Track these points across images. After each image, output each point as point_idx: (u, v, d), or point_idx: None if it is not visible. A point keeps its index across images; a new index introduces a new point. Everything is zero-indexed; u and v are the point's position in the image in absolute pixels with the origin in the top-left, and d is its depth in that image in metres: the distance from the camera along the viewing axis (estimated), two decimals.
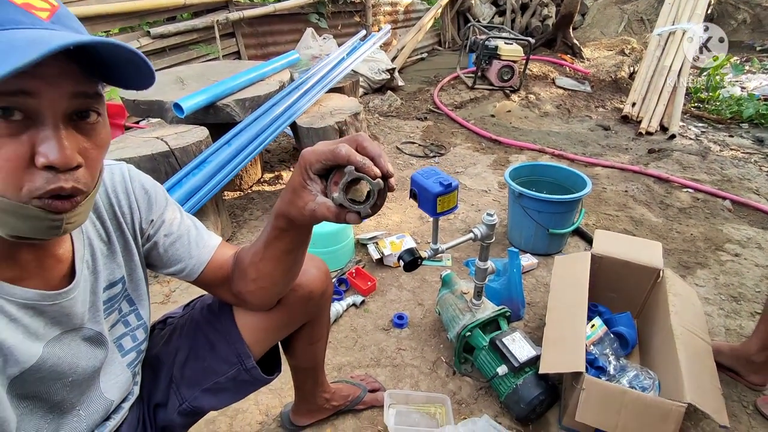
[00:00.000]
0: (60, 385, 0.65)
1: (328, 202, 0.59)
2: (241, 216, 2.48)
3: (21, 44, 0.42)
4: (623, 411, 1.17)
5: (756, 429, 1.37)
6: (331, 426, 1.36)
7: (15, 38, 0.43)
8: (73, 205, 0.52)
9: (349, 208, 0.59)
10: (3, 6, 0.45)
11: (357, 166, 0.56)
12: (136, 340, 0.78)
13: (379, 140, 3.55)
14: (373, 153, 0.58)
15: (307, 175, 0.60)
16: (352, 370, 1.56)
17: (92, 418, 0.71)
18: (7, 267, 0.57)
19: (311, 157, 0.59)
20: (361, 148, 0.58)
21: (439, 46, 6.77)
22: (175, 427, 0.88)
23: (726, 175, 2.99)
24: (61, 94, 0.48)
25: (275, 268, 0.77)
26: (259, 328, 0.89)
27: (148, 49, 3.20)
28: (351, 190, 0.59)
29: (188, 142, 1.92)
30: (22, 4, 0.46)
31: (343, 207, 0.59)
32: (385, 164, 0.58)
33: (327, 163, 0.59)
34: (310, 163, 0.59)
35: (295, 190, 0.62)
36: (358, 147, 0.59)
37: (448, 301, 1.61)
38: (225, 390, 0.89)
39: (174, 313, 0.99)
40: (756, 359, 1.47)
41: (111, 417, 0.75)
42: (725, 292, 1.92)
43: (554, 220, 2.03)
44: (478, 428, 1.28)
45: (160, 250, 0.78)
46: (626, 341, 1.58)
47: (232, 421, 1.38)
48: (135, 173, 0.77)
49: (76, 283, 0.65)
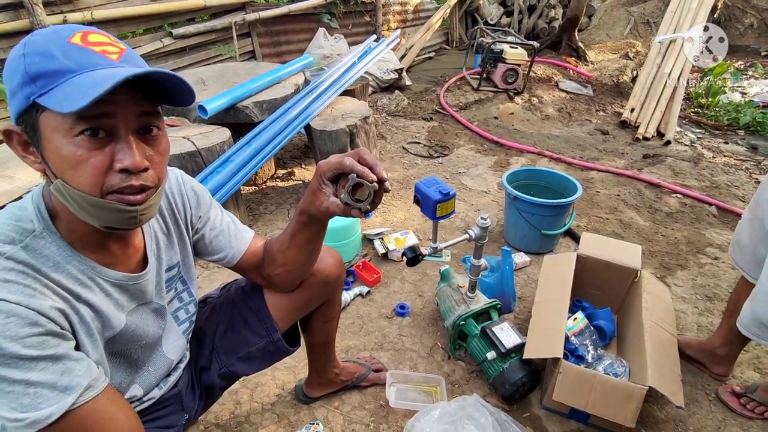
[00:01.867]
0: (137, 347, 0.84)
1: (338, 201, 0.82)
2: (257, 210, 2.67)
3: (99, 80, 0.58)
4: (594, 392, 1.35)
5: (715, 413, 1.55)
6: (339, 399, 1.55)
7: (96, 76, 0.59)
8: (144, 198, 0.68)
9: (352, 205, 0.81)
10: (87, 54, 0.61)
11: (358, 173, 0.78)
12: (188, 313, 0.98)
13: (386, 139, 3.72)
14: (371, 163, 0.80)
15: (322, 181, 0.83)
16: (358, 352, 1.75)
17: (158, 373, 0.90)
18: (104, 255, 0.76)
19: (324, 167, 0.82)
20: (362, 160, 0.80)
21: (447, 46, 6.89)
22: (215, 387, 1.08)
23: (715, 181, 3.14)
24: (131, 114, 0.64)
25: (298, 254, 0.98)
26: (285, 307, 1.09)
27: (170, 48, 3.39)
28: (357, 192, 0.81)
29: (213, 142, 2.10)
30: (100, 51, 0.63)
31: (348, 204, 0.81)
32: (380, 172, 0.80)
33: (336, 172, 0.81)
34: (324, 172, 0.82)
35: (314, 192, 0.84)
36: (360, 159, 0.81)
37: (445, 293, 1.79)
38: (255, 358, 1.09)
39: (212, 293, 1.18)
40: (719, 352, 1.64)
41: (171, 374, 0.95)
42: (701, 293, 2.09)
43: (546, 222, 2.20)
44: (468, 405, 1.46)
45: (206, 241, 0.98)
46: (605, 333, 1.75)
47: (253, 393, 1.57)
48: (186, 177, 0.96)
49: (149, 267, 0.84)
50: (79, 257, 0.71)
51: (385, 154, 3.47)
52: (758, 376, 1.69)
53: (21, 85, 0.59)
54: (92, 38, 0.63)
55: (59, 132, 0.61)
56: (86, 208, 0.65)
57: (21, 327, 0.61)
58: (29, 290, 0.63)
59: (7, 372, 0.60)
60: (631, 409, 1.30)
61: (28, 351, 0.61)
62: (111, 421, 0.70)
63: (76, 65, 0.59)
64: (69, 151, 0.61)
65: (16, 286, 0.62)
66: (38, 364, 0.63)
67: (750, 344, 1.76)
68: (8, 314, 0.60)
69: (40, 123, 0.61)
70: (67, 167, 0.62)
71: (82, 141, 0.61)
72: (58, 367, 0.65)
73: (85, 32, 0.63)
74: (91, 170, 0.62)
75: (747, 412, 1.52)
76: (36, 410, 0.62)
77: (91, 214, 0.66)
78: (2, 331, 0.59)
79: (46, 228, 0.69)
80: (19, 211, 0.69)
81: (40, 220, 0.69)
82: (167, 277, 0.91)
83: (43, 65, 0.58)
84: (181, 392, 1.00)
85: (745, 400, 1.54)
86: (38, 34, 0.62)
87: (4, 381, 0.61)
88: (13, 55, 0.61)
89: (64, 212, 0.69)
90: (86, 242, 0.73)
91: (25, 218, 0.68)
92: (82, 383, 0.67)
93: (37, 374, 0.62)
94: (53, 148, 0.62)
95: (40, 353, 0.63)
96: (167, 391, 0.95)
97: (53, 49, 0.59)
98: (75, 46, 0.61)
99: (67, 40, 0.61)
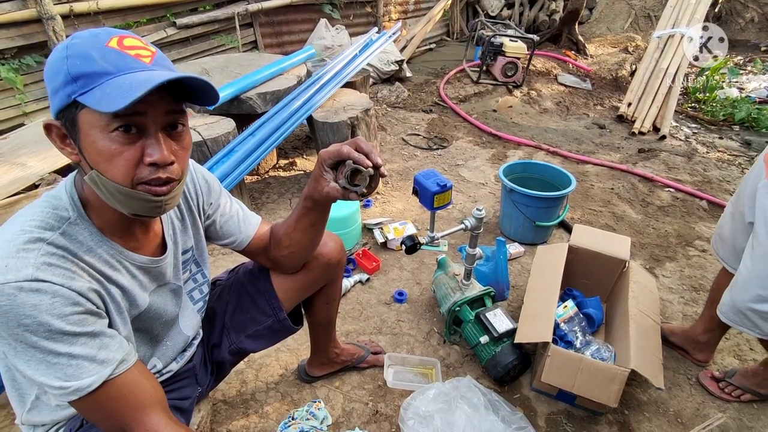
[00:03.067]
0: (157, 323, 0.92)
1: (337, 186, 0.90)
2: (260, 199, 2.74)
3: (135, 83, 0.64)
4: (579, 374, 1.43)
5: (695, 396, 1.64)
6: (339, 380, 1.64)
7: (132, 79, 0.66)
8: (169, 190, 0.74)
9: (350, 189, 0.89)
10: (123, 58, 0.68)
11: (354, 160, 0.86)
12: (202, 293, 1.06)
13: (387, 131, 3.78)
14: (367, 150, 0.88)
15: (323, 168, 0.91)
16: (358, 335, 1.83)
17: (175, 348, 0.98)
18: (130, 239, 0.83)
19: (325, 155, 0.90)
20: (358, 148, 0.88)
21: (448, 37, 6.91)
22: (225, 362, 1.17)
23: (707, 176, 3.21)
24: (160, 113, 0.71)
25: (303, 237, 1.06)
26: (290, 288, 1.18)
27: (174, 38, 3.42)
28: (357, 178, 0.89)
29: (218, 133, 2.16)
30: (134, 55, 0.69)
31: (346, 189, 0.89)
32: (375, 158, 0.87)
33: (335, 159, 0.89)
34: (324, 160, 0.90)
35: (316, 178, 0.93)
36: (357, 147, 0.89)
37: (442, 281, 1.87)
38: (262, 336, 1.18)
39: (221, 276, 1.26)
40: (701, 339, 1.73)
41: (187, 349, 1.03)
42: (687, 283, 2.18)
43: (540, 213, 2.28)
44: (461, 386, 1.55)
45: (217, 227, 1.05)
46: (593, 321, 1.84)
47: (258, 372, 1.66)
48: (198, 167, 1.03)
49: (168, 251, 0.92)
50: (108, 242, 0.79)
51: (385, 146, 3.53)
52: (738, 362, 1.78)
53: (63, 84, 0.65)
54: (127, 42, 0.69)
55: (96, 128, 0.67)
56: (117, 196, 0.71)
57: (65, 306, 0.68)
58: (69, 273, 0.71)
59: (54, 346, 0.68)
60: (614, 390, 1.39)
61: (71, 327, 0.69)
62: (141, 390, 0.78)
63: (113, 68, 0.66)
64: (104, 146, 0.68)
65: (58, 269, 0.69)
66: (79, 339, 0.70)
67: (731, 332, 1.84)
68: (54, 294, 0.67)
69: (79, 119, 0.67)
70: (102, 159, 0.69)
71: (116, 136, 0.67)
72: (96, 343, 0.73)
73: (121, 36, 0.69)
74: (123, 163, 0.69)
75: (724, 396, 1.61)
76: (78, 379, 0.70)
77: (121, 202, 0.72)
78: (49, 309, 0.67)
79: (80, 216, 0.76)
80: (55, 200, 0.76)
81: (74, 208, 0.76)
82: (183, 259, 0.98)
83: (83, 67, 0.65)
84: (196, 367, 1.08)
85: (724, 384, 1.63)
86: (78, 38, 0.68)
87: (51, 353, 0.68)
88: (56, 57, 0.67)
89: (95, 201, 0.76)
90: (114, 228, 0.80)
91: (61, 207, 0.75)
92: (117, 357, 0.75)
93: (79, 348, 0.70)
94: (90, 142, 0.68)
95: (82, 330, 0.70)
96: (183, 366, 1.03)
97: (93, 53, 0.66)
98: (112, 50, 0.67)
99: (105, 44, 0.67)
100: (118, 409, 0.75)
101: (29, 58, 2.79)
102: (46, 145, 2.18)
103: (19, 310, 0.65)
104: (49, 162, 2.03)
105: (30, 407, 0.85)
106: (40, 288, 0.66)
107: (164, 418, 0.80)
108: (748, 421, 1.54)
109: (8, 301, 0.65)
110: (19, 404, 0.87)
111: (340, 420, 1.51)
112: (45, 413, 0.86)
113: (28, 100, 2.83)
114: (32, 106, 2.87)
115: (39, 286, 0.66)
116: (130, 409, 0.76)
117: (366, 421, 1.51)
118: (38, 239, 0.70)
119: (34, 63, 2.81)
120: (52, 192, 0.78)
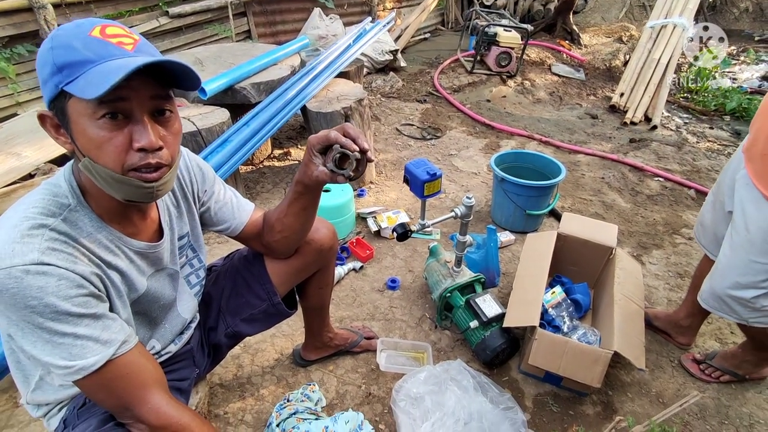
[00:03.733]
0: (156, 307, 0.95)
1: (326, 169, 0.94)
2: (254, 188, 2.76)
3: (114, 69, 0.66)
4: (565, 356, 1.48)
5: (676, 377, 1.70)
6: (333, 363, 1.68)
7: (112, 66, 0.67)
8: (159, 176, 0.76)
9: (337, 172, 0.94)
10: (105, 46, 0.69)
11: (342, 144, 0.91)
12: (199, 277, 1.09)
13: (380, 121, 3.80)
14: (354, 135, 0.92)
15: (312, 153, 0.95)
16: (352, 321, 1.87)
17: (173, 330, 1.02)
18: (128, 225, 0.86)
19: (314, 141, 0.94)
20: (346, 133, 0.93)
21: (443, 27, 6.88)
22: (221, 345, 1.21)
23: (696, 166, 3.26)
24: (144, 98, 0.72)
25: (295, 221, 1.09)
26: (284, 272, 1.22)
27: (167, 28, 3.41)
28: (345, 163, 0.93)
29: (213, 123, 2.18)
30: (116, 43, 0.71)
31: (334, 172, 0.94)
32: (362, 143, 0.92)
33: (324, 144, 0.93)
34: (313, 145, 0.94)
35: (306, 164, 0.97)
36: (344, 132, 0.93)
37: (433, 268, 1.91)
38: (257, 320, 1.22)
39: (216, 263, 1.30)
40: (683, 323, 1.78)
41: (184, 332, 1.07)
42: (673, 270, 2.23)
43: (531, 202, 2.32)
44: (452, 368, 1.60)
45: (212, 213, 1.08)
46: (580, 306, 1.89)
47: (253, 357, 1.70)
48: (192, 155, 1.06)
49: (165, 237, 0.95)
50: (107, 228, 0.82)
51: (379, 136, 3.55)
52: (718, 345, 1.84)
53: (51, 74, 0.68)
54: (109, 31, 0.71)
55: (84, 116, 0.69)
56: (110, 183, 0.74)
57: (70, 288, 0.72)
58: (72, 258, 0.74)
59: (59, 326, 0.71)
60: (597, 371, 1.44)
61: (76, 309, 0.72)
62: (142, 370, 0.81)
63: (95, 56, 0.68)
64: (93, 133, 0.70)
65: (62, 254, 0.72)
66: (83, 320, 0.74)
67: (712, 317, 1.90)
68: (59, 277, 0.71)
69: (68, 108, 0.70)
70: (92, 147, 0.71)
71: (104, 123, 0.70)
72: (99, 324, 0.76)
73: (104, 25, 0.71)
74: (112, 149, 0.71)
75: (704, 377, 1.67)
76: (83, 359, 0.74)
77: (114, 188, 0.75)
78: (55, 291, 0.70)
79: (79, 203, 0.78)
80: (55, 188, 0.78)
81: (74, 195, 0.78)
82: (179, 245, 1.01)
83: (67, 57, 0.67)
84: (193, 349, 1.12)
85: (704, 366, 1.69)
86: (63, 29, 0.70)
87: (56, 334, 0.72)
88: (43, 49, 0.69)
89: (92, 188, 0.79)
90: (112, 215, 0.83)
91: (61, 194, 0.77)
92: (119, 338, 0.78)
93: (83, 329, 0.74)
94: (80, 130, 0.70)
95: (85, 311, 0.74)
96: (181, 348, 1.07)
97: (75, 42, 0.68)
98: (95, 38, 0.69)
99: (87, 34, 0.69)
100: (121, 387, 0.79)
101: (21, 48, 2.78)
102: (41, 135, 2.20)
103: (26, 292, 0.68)
104: (44, 152, 2.05)
105: (34, 387, 0.89)
106: (46, 271, 0.69)
107: (165, 397, 0.83)
108: (726, 401, 1.60)
109: (16, 283, 0.68)
110: (24, 385, 0.90)
111: (334, 402, 1.55)
112: (49, 393, 0.90)
113: (21, 89, 2.83)
114: (25, 95, 2.87)
115: (45, 269, 0.69)
116: (132, 388, 0.80)
117: (359, 402, 1.56)
118: (41, 225, 0.72)
119: (25, 52, 2.80)
120: (51, 180, 0.80)
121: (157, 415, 0.81)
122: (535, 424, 1.52)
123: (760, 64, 5.90)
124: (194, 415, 0.87)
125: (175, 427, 0.82)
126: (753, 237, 1.26)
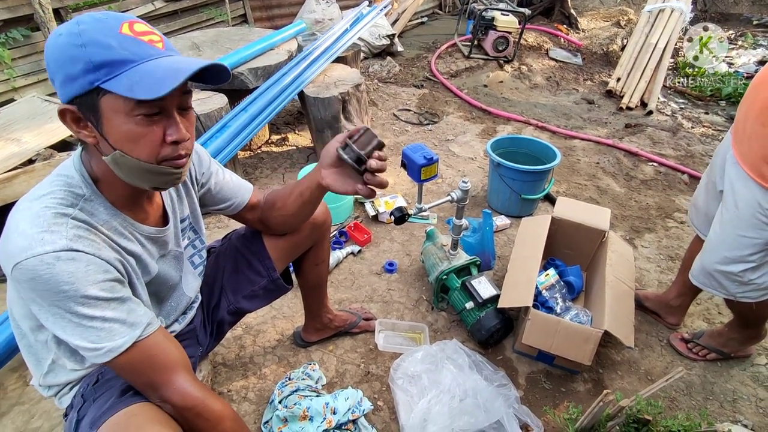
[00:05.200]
0: (165, 287, 0.99)
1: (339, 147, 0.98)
2: (253, 174, 2.78)
3: (170, 71, 0.70)
4: (557, 335, 1.54)
5: (665, 356, 1.76)
6: (333, 344, 1.73)
7: (159, 66, 0.71)
8: (185, 162, 0.82)
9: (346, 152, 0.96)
10: (139, 44, 0.72)
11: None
12: (201, 258, 1.13)
13: (378, 106, 3.80)
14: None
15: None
16: (350, 303, 1.92)
17: (179, 308, 1.07)
18: (138, 212, 0.90)
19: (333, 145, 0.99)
20: None
21: (440, 11, 6.81)
22: (224, 323, 1.26)
23: (690, 151, 3.29)
24: (176, 95, 0.76)
25: (294, 205, 1.13)
26: (281, 247, 1.27)
27: (162, 11, 3.38)
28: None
29: (211, 108, 2.19)
30: (148, 41, 0.73)
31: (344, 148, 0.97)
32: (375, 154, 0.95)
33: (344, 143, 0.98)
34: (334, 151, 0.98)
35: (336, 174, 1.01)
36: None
37: (430, 251, 1.95)
38: (257, 297, 1.27)
39: (214, 244, 1.34)
40: (673, 304, 1.84)
41: (187, 312, 1.12)
42: (665, 253, 2.28)
43: (526, 187, 2.35)
44: (448, 348, 1.65)
45: (213, 193, 1.12)
46: (573, 288, 1.94)
47: (255, 338, 1.75)
48: None
49: (170, 222, 0.98)
50: (121, 215, 0.85)
51: (377, 121, 3.56)
52: (706, 325, 1.89)
53: (84, 72, 0.69)
54: (138, 28, 0.73)
55: (121, 113, 0.72)
56: (141, 173, 0.78)
57: (98, 273, 0.75)
58: (96, 244, 0.77)
59: (88, 310, 0.75)
60: (588, 349, 1.49)
61: (103, 293, 0.76)
62: (167, 352, 0.85)
63: (133, 55, 0.70)
64: (129, 128, 0.73)
65: (87, 240, 0.76)
66: (110, 304, 0.77)
67: (701, 297, 1.96)
68: (88, 263, 0.74)
69: (101, 104, 0.71)
70: (127, 141, 0.74)
71: (141, 120, 0.73)
72: (125, 307, 0.80)
73: (131, 22, 0.73)
74: (149, 143, 0.75)
75: (692, 355, 1.73)
76: (111, 341, 0.77)
77: (144, 178, 0.79)
78: (85, 276, 0.73)
79: (93, 192, 0.81)
80: (68, 179, 0.80)
81: (87, 185, 0.81)
82: (181, 227, 1.05)
83: (106, 55, 0.68)
84: (196, 328, 1.17)
85: (692, 345, 1.75)
86: (86, 23, 0.70)
87: (86, 318, 0.75)
88: (66, 44, 0.69)
89: (105, 177, 0.82)
90: (125, 202, 0.86)
91: (74, 185, 0.80)
92: (143, 321, 0.82)
93: (110, 312, 0.77)
94: (115, 125, 0.73)
95: (112, 295, 0.77)
96: (185, 327, 1.11)
97: (111, 41, 0.69)
98: (127, 37, 0.71)
99: (118, 32, 0.70)
100: (149, 366, 0.82)
101: (15, 32, 2.77)
102: (39, 121, 2.20)
103: (58, 277, 0.71)
104: (44, 137, 2.06)
105: (47, 371, 0.93)
106: (75, 257, 0.73)
107: (189, 379, 0.87)
108: (711, 378, 1.66)
109: (48, 269, 0.71)
110: (36, 368, 0.94)
111: (334, 380, 1.61)
112: (61, 375, 0.94)
113: (17, 75, 2.82)
114: (21, 81, 2.86)
115: (74, 255, 0.73)
116: (158, 369, 0.83)
117: (358, 381, 1.61)
118: (63, 215, 0.75)
119: (21, 37, 2.79)
120: (60, 171, 0.82)
121: (182, 396, 0.84)
122: (528, 401, 1.58)
123: (758, 49, 5.89)
124: (216, 397, 0.90)
125: (200, 408, 0.85)
126: (742, 213, 1.30)
